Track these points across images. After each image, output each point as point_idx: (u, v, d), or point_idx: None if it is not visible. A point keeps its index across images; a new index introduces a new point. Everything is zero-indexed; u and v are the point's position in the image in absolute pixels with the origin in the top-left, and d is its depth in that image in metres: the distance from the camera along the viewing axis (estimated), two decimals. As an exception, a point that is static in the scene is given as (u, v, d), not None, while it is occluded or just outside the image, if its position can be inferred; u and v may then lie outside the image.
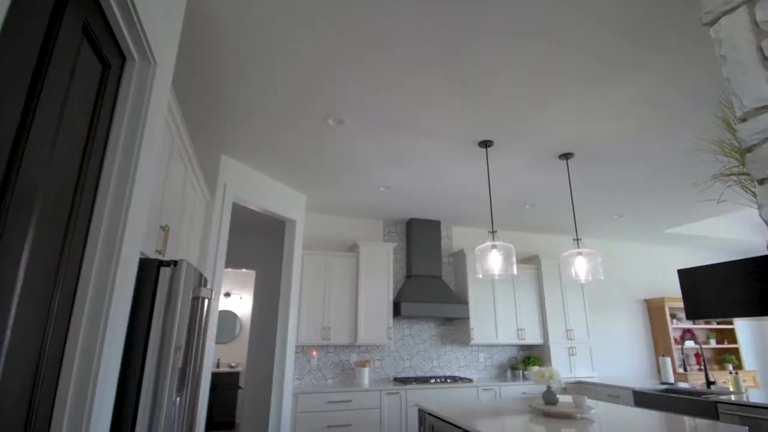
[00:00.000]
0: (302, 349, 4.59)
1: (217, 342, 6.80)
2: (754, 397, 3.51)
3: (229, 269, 6.15)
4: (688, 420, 2.57)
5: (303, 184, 4.06)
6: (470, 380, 4.67)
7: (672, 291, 6.65)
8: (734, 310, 3.09)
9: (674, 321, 6.26)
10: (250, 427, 5.23)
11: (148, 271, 1.64)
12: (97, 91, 1.40)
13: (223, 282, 7.06)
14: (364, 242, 4.77)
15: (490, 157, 3.43)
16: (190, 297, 1.90)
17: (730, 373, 3.88)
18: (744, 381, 6.01)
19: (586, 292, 5.65)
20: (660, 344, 6.15)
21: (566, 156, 3.38)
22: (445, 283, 5.06)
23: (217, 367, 6.67)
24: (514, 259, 2.87)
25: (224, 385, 6.27)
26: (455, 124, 2.91)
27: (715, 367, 6.36)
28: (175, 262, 1.68)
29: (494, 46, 2.14)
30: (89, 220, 1.28)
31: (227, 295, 6.99)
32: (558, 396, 2.99)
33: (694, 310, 3.41)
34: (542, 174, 3.77)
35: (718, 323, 6.58)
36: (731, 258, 7.27)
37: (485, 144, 3.16)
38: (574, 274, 3.15)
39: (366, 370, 4.51)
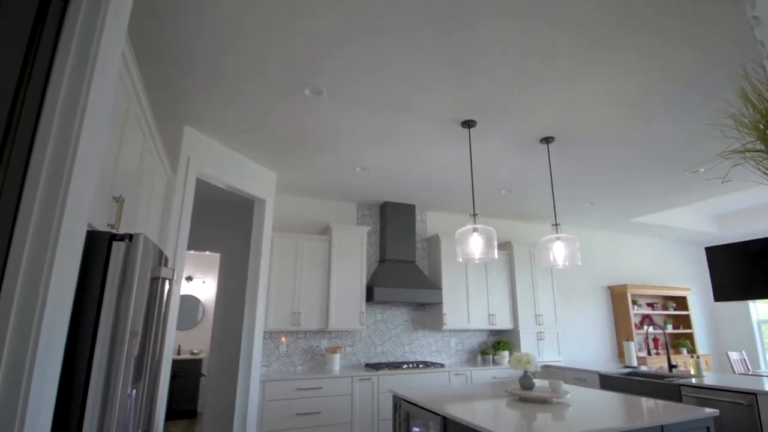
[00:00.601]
0: (270, 335, 4.40)
1: (179, 328, 6.48)
2: (711, 379, 3.65)
3: (192, 252, 5.83)
4: (661, 403, 2.60)
5: (274, 161, 3.82)
6: (442, 365, 4.65)
7: (634, 278, 6.88)
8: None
9: (635, 307, 6.49)
10: (213, 416, 5.01)
11: (98, 245, 1.43)
12: (33, 28, 1.16)
13: (185, 265, 6.70)
14: (338, 225, 4.60)
15: (472, 139, 3.32)
16: (149, 277, 1.69)
17: (692, 357, 4.01)
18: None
19: (555, 278, 5.73)
20: (621, 329, 6.37)
21: (547, 140, 3.33)
22: (419, 268, 4.98)
23: (178, 354, 6.36)
24: (495, 243, 2.80)
25: (185, 372, 6.00)
26: (439, 101, 2.77)
27: (671, 351, 6.66)
28: (130, 236, 1.47)
29: (484, 24, 2.02)
30: (21, 184, 1.06)
31: (189, 279, 6.65)
32: (534, 381, 2.97)
33: (720, 290, 3.43)
34: (522, 158, 3.72)
35: (675, 310, 6.89)
36: (689, 247, 7.61)
37: (468, 124, 3.05)
38: (552, 259, 3.12)
39: (337, 356, 4.39)
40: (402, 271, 4.80)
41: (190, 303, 6.62)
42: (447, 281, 5.02)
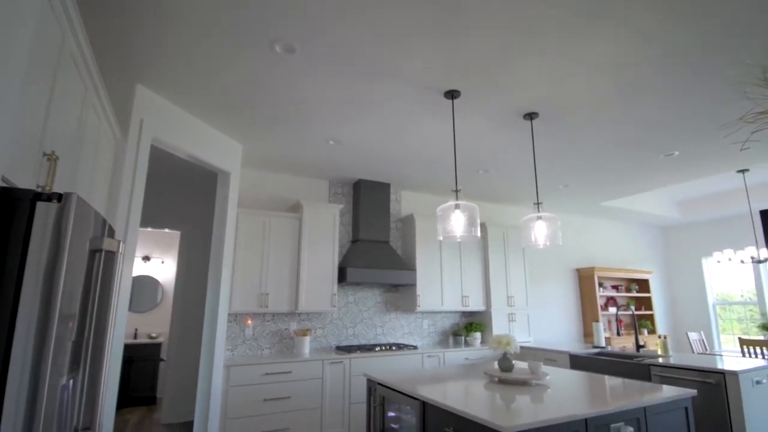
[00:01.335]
0: (236, 318, 4.15)
1: (136, 311, 6.08)
2: (678, 359, 3.71)
3: (149, 229, 5.43)
4: (640, 384, 2.58)
5: (240, 131, 3.52)
6: (415, 347, 4.55)
7: (601, 261, 7.02)
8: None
9: (601, 289, 6.64)
10: (173, 402, 4.74)
11: (17, 206, 1.15)
12: None
13: (142, 244, 6.27)
14: (309, 202, 4.35)
15: (455, 113, 3.14)
16: (87, 249, 1.43)
17: (659, 337, 4.08)
18: (656, 344, 6.57)
19: (526, 261, 5.73)
20: (588, 311, 6.50)
21: (531, 116, 3.19)
22: (393, 248, 4.83)
23: (135, 338, 5.98)
24: (478, 221, 2.66)
25: (143, 357, 5.64)
26: (423, 67, 2.56)
27: (632, 331, 6.88)
28: (59, 196, 1.20)
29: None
30: None
31: (146, 258, 6.23)
32: (514, 362, 2.90)
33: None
34: (503, 136, 3.58)
35: (637, 292, 7.11)
36: (652, 231, 7.84)
37: (452, 94, 2.86)
38: (533, 239, 3.03)
39: (307, 339, 4.19)
40: (375, 251, 4.63)
41: (148, 284, 6.21)
42: (421, 262, 4.89)
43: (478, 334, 5.07)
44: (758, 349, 4.56)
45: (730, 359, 3.65)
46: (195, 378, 4.67)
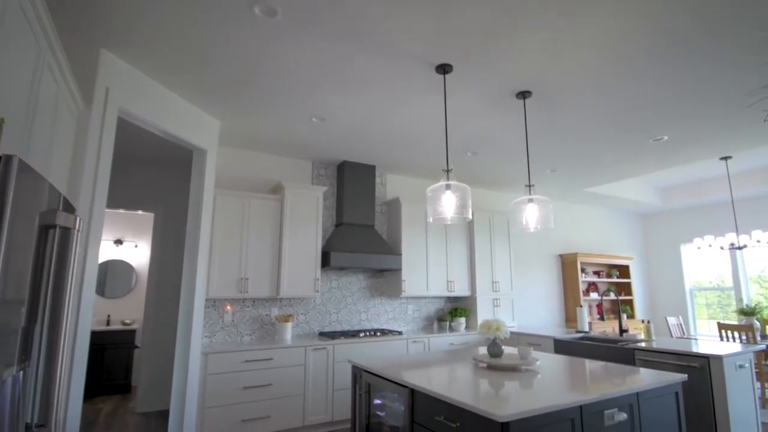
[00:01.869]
0: (214, 304, 3.97)
1: (109, 296, 5.82)
2: (661, 344, 3.73)
3: (121, 211, 5.16)
4: (629, 369, 2.54)
5: (217, 105, 3.30)
6: (400, 333, 4.47)
7: (583, 247, 7.06)
8: None
9: (582, 275, 6.68)
10: (148, 390, 4.56)
11: (-59, 171, 0.97)
12: None
13: (114, 226, 5.98)
14: (291, 184, 4.17)
15: (446, 90, 3.00)
16: (37, 223, 1.25)
17: (642, 321, 4.10)
18: (634, 328, 6.69)
19: (511, 246, 5.69)
20: (570, 296, 6.54)
21: (524, 95, 3.08)
22: (378, 233, 4.70)
23: (108, 324, 5.74)
24: (470, 202, 2.55)
25: (116, 344, 5.42)
26: (414, 37, 2.40)
27: (612, 316, 6.98)
28: (-6, 160, 1.02)
29: None
30: None
31: (119, 242, 5.94)
32: (503, 348, 2.83)
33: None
34: (495, 115, 3.46)
35: (618, 277, 7.20)
36: (633, 218, 7.92)
37: (444, 69, 2.71)
38: (524, 223, 2.94)
39: (289, 325, 4.06)
40: (360, 235, 4.50)
41: (120, 269, 5.94)
42: (407, 247, 4.79)
43: (462, 320, 5.03)
44: (736, 334, 4.64)
45: (712, 343, 3.68)
46: (171, 365, 4.49)
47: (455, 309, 5.15)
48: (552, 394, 1.93)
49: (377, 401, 2.56)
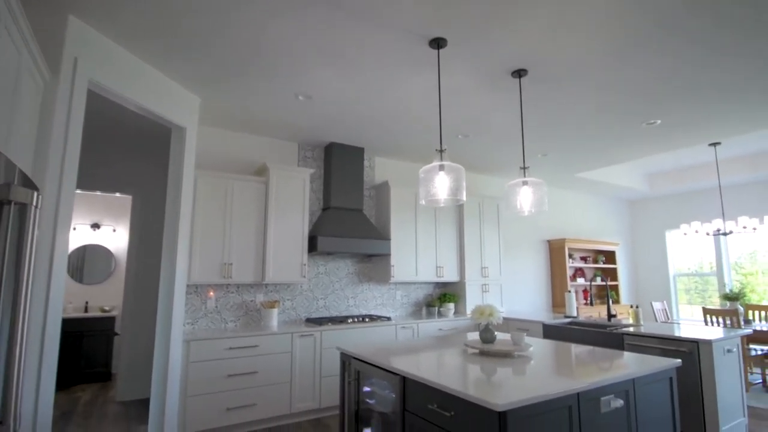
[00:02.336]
0: (196, 289, 3.83)
1: (86, 282, 5.62)
2: (650, 328, 3.73)
3: (98, 193, 4.93)
4: (623, 354, 2.50)
5: (197, 80, 3.11)
6: (389, 318, 4.40)
7: (572, 233, 7.07)
8: None
9: (569, 260, 6.70)
10: (128, 379, 4.42)
11: None
12: None
13: (90, 209, 5.74)
14: (276, 165, 4.01)
15: (438, 67, 2.87)
16: (-16, 198, 1.10)
17: (631, 306, 4.10)
18: (620, 313, 6.76)
19: (500, 231, 5.64)
20: (557, 281, 6.56)
21: (520, 73, 2.97)
22: (367, 217, 4.58)
23: (86, 311, 5.55)
24: (464, 184, 2.45)
25: (95, 332, 5.25)
26: (408, 8, 2.26)
27: (597, 301, 7.04)
28: None
29: None
30: None
31: (96, 226, 5.71)
32: (496, 333, 2.77)
33: None
34: (489, 95, 3.35)
35: (604, 263, 7.24)
36: (619, 204, 7.95)
37: (438, 43, 2.58)
38: (518, 206, 2.86)
39: (274, 312, 3.95)
40: (348, 219, 4.38)
41: (99, 254, 5.73)
42: (396, 232, 4.69)
43: (451, 305, 4.98)
44: (720, 319, 4.70)
45: (699, 328, 3.70)
46: (152, 353, 4.35)
47: (444, 294, 5.10)
48: (548, 381, 1.87)
49: (366, 389, 2.48)
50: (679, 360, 2.31)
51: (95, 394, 4.75)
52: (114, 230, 5.80)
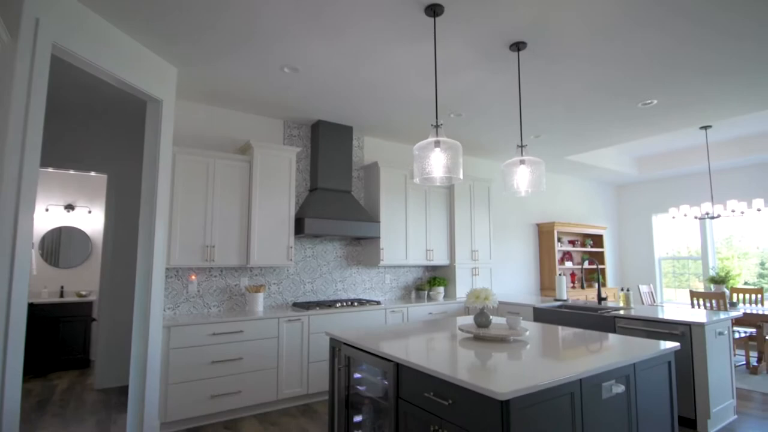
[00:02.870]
0: (177, 273, 3.66)
1: (63, 266, 5.38)
2: (640, 311, 3.72)
3: (71, 172, 4.68)
4: (620, 338, 2.44)
5: (173, 49, 2.88)
6: (378, 302, 4.30)
7: (560, 216, 7.04)
8: None
9: (558, 244, 6.69)
10: (107, 365, 4.26)
11: None
12: None
13: (63, 189, 5.46)
14: (261, 144, 3.81)
15: (434, 35, 2.70)
16: None
17: (621, 290, 4.08)
18: (607, 296, 6.80)
19: (491, 215, 5.57)
20: (546, 265, 6.55)
21: (518, 46, 2.82)
22: (355, 199, 4.44)
23: (61, 296, 5.32)
24: (461, 161, 2.32)
25: (72, 317, 5.04)
26: (404, -33, 2.08)
27: (585, 284, 7.07)
28: None
29: None
30: None
31: (70, 207, 5.44)
32: (492, 318, 2.69)
33: None
34: (485, 69, 3.20)
35: (592, 247, 7.26)
36: (607, 187, 7.96)
37: (434, 10, 2.41)
38: (515, 186, 2.75)
39: (260, 296, 3.81)
40: (336, 201, 4.23)
41: (74, 237, 5.47)
42: (385, 214, 4.56)
43: (441, 289, 4.91)
44: (707, 302, 4.73)
45: (689, 311, 3.69)
46: (131, 339, 4.19)
47: (434, 278, 5.02)
48: (548, 367, 1.78)
49: (357, 375, 2.38)
50: (678, 344, 2.26)
51: (73, 381, 4.57)
52: (89, 212, 5.54)
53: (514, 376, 1.62)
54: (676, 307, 4.50)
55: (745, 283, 6.42)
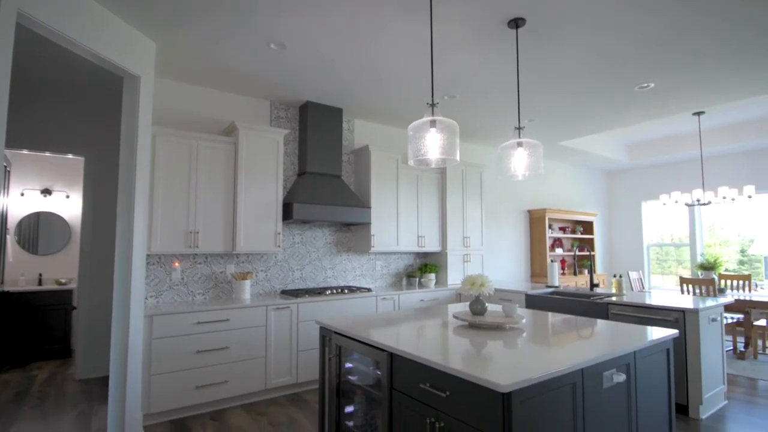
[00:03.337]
0: (159, 260, 3.51)
1: (40, 253, 5.17)
2: (633, 298, 3.69)
3: (47, 154, 4.46)
4: (617, 325, 2.39)
5: (151, 22, 2.69)
6: (369, 290, 4.21)
7: (552, 203, 7.01)
8: None
9: (549, 231, 6.66)
10: (88, 355, 4.12)
11: None
12: None
13: (39, 173, 5.22)
14: (246, 125, 3.65)
15: (430, 5, 2.56)
16: None
17: (614, 276, 4.05)
18: (599, 283, 6.82)
19: (483, 201, 5.49)
20: (536, 251, 6.52)
21: (517, 22, 2.70)
22: (345, 183, 4.31)
23: (39, 284, 5.13)
24: (458, 142, 2.21)
25: (51, 305, 4.86)
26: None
27: (573, 271, 7.07)
28: None
29: None
30: None
31: (47, 192, 5.21)
32: (487, 305, 2.62)
33: None
34: (481, 48, 3.07)
35: (582, 233, 7.26)
36: (598, 174, 7.94)
37: (430, -19, 2.27)
38: (512, 169, 2.65)
39: (247, 283, 3.69)
40: (326, 186, 4.10)
41: (52, 222, 5.26)
42: (376, 200, 4.44)
43: (432, 276, 4.84)
44: (696, 288, 4.75)
45: (681, 297, 3.68)
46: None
47: (425, 265, 4.94)
48: (548, 356, 1.71)
49: (348, 365, 2.29)
50: (677, 331, 2.21)
51: (53, 371, 4.42)
52: (68, 196, 5.32)
53: (514, 367, 1.55)
54: (666, 293, 4.52)
55: (726, 270, 6.50)
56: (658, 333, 2.14)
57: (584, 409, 1.66)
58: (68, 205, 5.32)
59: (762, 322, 4.46)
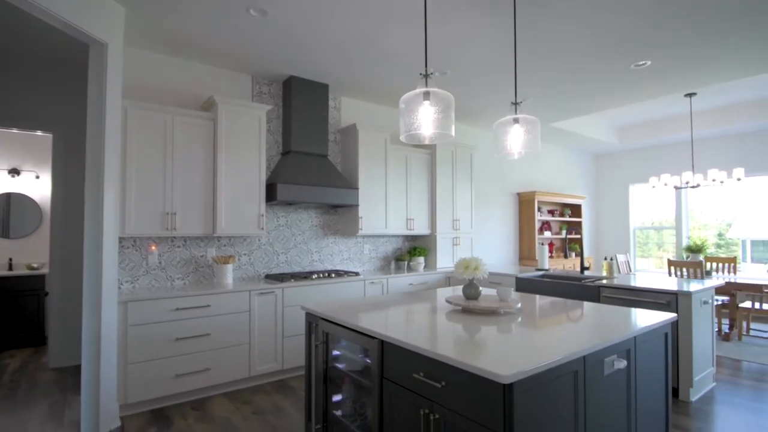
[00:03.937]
0: (134, 243, 3.32)
1: (11, 236, 4.91)
2: (624, 280, 3.65)
3: (14, 131, 4.17)
4: (614, 309, 2.32)
5: (118, -19, 2.45)
6: (357, 274, 4.09)
7: (541, 186, 6.94)
8: None
9: (538, 213, 6.61)
10: (62, 343, 3.93)
11: None
12: None
13: (8, 152, 4.91)
14: (226, 99, 3.43)
15: (422, -27, 2.38)
16: None
17: (605, 259, 4.00)
18: (589, 265, 6.82)
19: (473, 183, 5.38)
20: (525, 234, 6.48)
21: (514, -9, 2.53)
22: (332, 163, 4.14)
23: (10, 269, 4.88)
24: (453, 115, 2.06)
25: (22, 291, 4.63)
26: None
27: (562, 254, 7.08)
28: None
29: None
30: None
31: (15, 172, 4.92)
32: (482, 289, 2.52)
33: None
34: (478, 19, 2.90)
35: (570, 216, 7.24)
36: (587, 157, 7.89)
37: (424, -60, 2.09)
38: (508, 147, 2.53)
39: (229, 267, 3.53)
40: (311, 166, 3.92)
41: (21, 204, 4.98)
42: (364, 181, 4.29)
43: (421, 259, 4.74)
44: (684, 270, 4.75)
45: (672, 280, 3.65)
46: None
47: (414, 248, 4.84)
48: (547, 343, 1.62)
49: (336, 353, 2.18)
50: (675, 314, 2.14)
51: (26, 360, 4.23)
52: (37, 177, 5.03)
53: (514, 355, 1.44)
54: (653, 275, 4.50)
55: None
56: (657, 317, 2.07)
57: (585, 397, 1.58)
58: (38, 185, 5.04)
59: (747, 304, 4.50)
